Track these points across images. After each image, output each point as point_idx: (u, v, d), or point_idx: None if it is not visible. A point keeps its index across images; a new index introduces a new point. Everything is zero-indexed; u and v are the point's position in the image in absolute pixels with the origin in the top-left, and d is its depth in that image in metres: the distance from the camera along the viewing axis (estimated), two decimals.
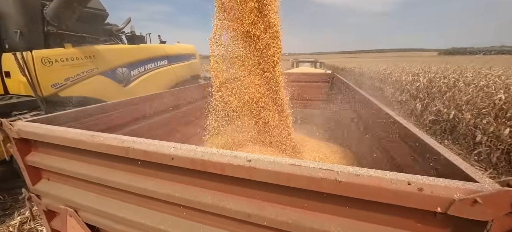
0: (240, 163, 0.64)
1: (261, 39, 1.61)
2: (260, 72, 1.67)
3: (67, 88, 3.74)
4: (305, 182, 0.59)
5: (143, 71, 5.34)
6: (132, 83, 5.02)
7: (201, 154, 0.69)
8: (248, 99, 1.68)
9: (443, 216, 0.54)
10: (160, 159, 0.74)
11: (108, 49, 4.46)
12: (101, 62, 4.25)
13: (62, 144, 0.93)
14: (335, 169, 0.58)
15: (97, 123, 1.54)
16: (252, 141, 1.81)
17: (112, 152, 0.82)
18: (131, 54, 4.96)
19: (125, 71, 4.85)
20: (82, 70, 3.94)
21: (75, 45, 3.91)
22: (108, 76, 4.42)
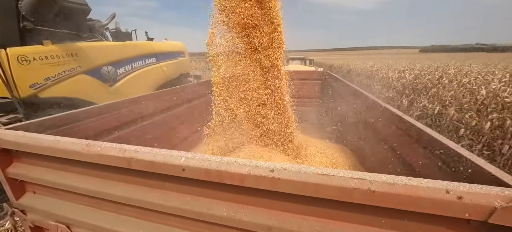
0: (262, 173, 0.59)
1: (261, 36, 1.54)
2: (261, 73, 1.61)
3: (48, 89, 3.47)
4: (335, 192, 0.55)
5: (130, 69, 5.10)
6: (119, 83, 4.78)
7: (216, 164, 0.62)
8: (249, 103, 1.62)
9: (478, 224, 0.52)
10: (169, 170, 0.66)
11: (92, 47, 4.20)
12: (85, 60, 3.99)
13: (52, 154, 0.83)
14: (368, 178, 0.54)
15: (84, 129, 1.40)
16: (250, 141, 1.75)
17: (111, 163, 0.73)
18: (117, 52, 4.71)
19: (111, 70, 4.60)
20: (64, 69, 3.68)
21: (55, 42, 3.64)
22: (92, 75, 4.17)
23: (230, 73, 1.58)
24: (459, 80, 5.89)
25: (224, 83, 1.58)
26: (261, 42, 1.54)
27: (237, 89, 1.62)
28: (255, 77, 1.61)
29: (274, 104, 1.62)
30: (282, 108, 1.59)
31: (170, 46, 6.96)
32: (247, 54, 1.60)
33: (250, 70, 1.62)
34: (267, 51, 1.56)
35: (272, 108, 1.62)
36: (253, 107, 1.65)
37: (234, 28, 1.56)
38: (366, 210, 0.56)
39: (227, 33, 1.57)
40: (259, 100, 1.63)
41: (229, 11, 1.51)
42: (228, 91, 1.57)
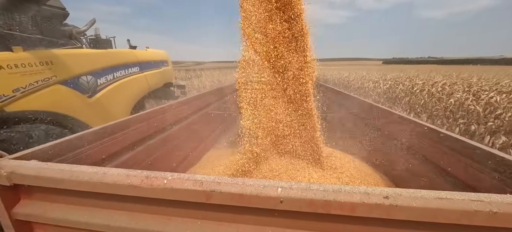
0: (377, 201, 0.54)
1: (288, 63, 1.51)
2: (288, 104, 1.57)
3: (17, 101, 3.01)
4: (455, 216, 0.53)
5: (112, 79, 4.72)
6: (99, 93, 4.37)
7: (322, 193, 0.56)
8: (274, 134, 1.56)
9: None
10: (263, 203, 0.58)
11: (70, 54, 3.79)
12: (61, 69, 3.58)
13: (93, 190, 0.68)
14: (486, 199, 0.53)
15: (91, 154, 1.19)
16: (272, 152, 1.69)
17: (183, 198, 0.62)
18: (97, 60, 4.33)
19: (90, 80, 4.19)
20: (37, 79, 3.24)
21: (27, 48, 3.21)
22: (69, 85, 3.74)
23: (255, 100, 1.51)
24: (427, 90, 6.56)
25: (253, 111, 1.50)
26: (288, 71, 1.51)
27: (262, 121, 1.54)
28: (281, 109, 1.57)
29: (302, 135, 1.58)
30: (311, 136, 1.55)
31: (153, 55, 6.66)
32: (272, 81, 1.55)
33: (276, 100, 1.56)
34: (296, 81, 1.53)
35: (300, 141, 1.59)
36: (279, 143, 1.60)
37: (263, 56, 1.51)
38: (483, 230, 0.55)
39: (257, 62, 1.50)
40: (285, 137, 1.58)
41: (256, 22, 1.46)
42: (255, 122, 1.49)
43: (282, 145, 1.68)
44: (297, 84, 1.57)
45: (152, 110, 2.03)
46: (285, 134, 1.65)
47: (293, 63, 1.55)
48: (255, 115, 1.53)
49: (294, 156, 1.61)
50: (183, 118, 2.68)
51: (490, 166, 0.95)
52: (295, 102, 1.61)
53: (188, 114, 2.93)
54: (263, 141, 1.54)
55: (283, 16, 1.50)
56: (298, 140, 1.66)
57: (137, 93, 5.58)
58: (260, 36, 1.53)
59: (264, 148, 1.57)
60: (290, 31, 1.54)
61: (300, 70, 1.55)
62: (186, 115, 2.82)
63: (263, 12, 1.50)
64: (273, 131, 1.61)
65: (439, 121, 5.81)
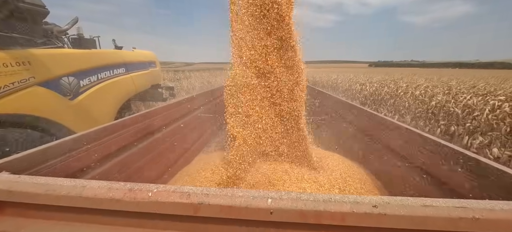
0: (366, 210, 0.55)
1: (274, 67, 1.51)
2: (277, 117, 1.58)
3: None
4: (442, 223, 0.54)
5: (95, 80, 4.54)
6: (82, 96, 4.18)
7: (313, 203, 0.56)
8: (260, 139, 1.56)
9: None
10: (253, 215, 0.57)
11: (50, 55, 3.60)
12: (40, 69, 3.39)
13: (70, 204, 0.63)
14: (469, 205, 0.55)
15: (70, 164, 1.12)
16: (264, 155, 1.69)
17: (169, 212, 0.59)
18: (80, 61, 4.14)
19: (72, 81, 4.00)
20: (13, 80, 3.05)
21: (1, 48, 3.01)
22: (49, 87, 3.55)
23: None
24: (411, 93, 6.83)
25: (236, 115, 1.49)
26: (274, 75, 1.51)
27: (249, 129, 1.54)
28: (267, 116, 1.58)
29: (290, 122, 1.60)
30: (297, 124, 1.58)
31: (140, 55, 6.49)
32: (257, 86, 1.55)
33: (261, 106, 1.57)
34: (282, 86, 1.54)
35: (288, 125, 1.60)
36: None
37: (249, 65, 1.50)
38: None
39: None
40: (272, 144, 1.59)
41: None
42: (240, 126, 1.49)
43: (269, 147, 1.68)
44: (288, 101, 1.59)
45: (139, 115, 1.96)
46: (274, 138, 1.66)
47: (285, 81, 1.57)
48: (242, 120, 1.52)
49: (284, 158, 1.62)
50: (171, 121, 2.61)
51: (459, 163, 1.02)
52: (286, 120, 1.62)
53: (177, 118, 2.86)
54: (250, 144, 1.54)
55: (274, 41, 1.51)
56: (287, 141, 1.67)
57: (123, 96, 5.39)
58: (251, 52, 1.53)
59: (251, 150, 1.56)
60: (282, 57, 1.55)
61: (291, 90, 1.57)
62: (174, 118, 2.76)
63: (254, 34, 1.51)
64: (260, 135, 1.61)
65: (422, 122, 6.06)
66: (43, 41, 3.92)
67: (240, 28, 1.46)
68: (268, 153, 1.65)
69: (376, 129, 1.88)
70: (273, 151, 1.67)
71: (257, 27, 1.50)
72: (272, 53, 1.53)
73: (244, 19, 1.46)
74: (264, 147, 1.64)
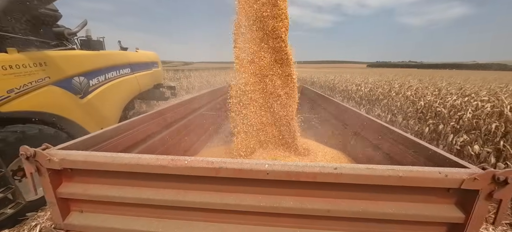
0: (330, 171, 0.84)
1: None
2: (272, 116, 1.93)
3: (11, 102, 3.07)
4: (377, 179, 0.83)
5: (103, 80, 4.79)
6: (91, 94, 4.44)
7: (295, 167, 0.85)
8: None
9: (455, 191, 0.87)
10: (255, 175, 0.85)
11: (63, 56, 3.86)
12: (54, 70, 3.65)
13: (129, 170, 0.92)
14: (397, 168, 0.84)
15: (116, 145, 1.45)
16: (264, 146, 2.03)
17: (199, 174, 0.88)
18: (90, 62, 4.40)
19: (82, 81, 4.27)
20: (31, 80, 3.30)
21: (21, 49, 3.26)
22: (62, 86, 3.81)
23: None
24: (403, 93, 7.17)
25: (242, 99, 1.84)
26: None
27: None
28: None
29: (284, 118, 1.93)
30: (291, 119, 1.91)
31: (144, 56, 6.74)
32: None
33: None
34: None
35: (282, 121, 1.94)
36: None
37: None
38: (395, 189, 0.86)
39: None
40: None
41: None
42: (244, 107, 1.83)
43: (263, 137, 2.01)
44: (282, 106, 1.94)
45: (168, 107, 2.42)
46: (268, 132, 1.98)
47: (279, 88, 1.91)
48: (244, 116, 1.84)
49: (278, 146, 1.94)
50: (188, 114, 2.99)
51: (408, 146, 1.35)
52: (280, 119, 1.97)
53: (197, 108, 3.27)
54: (251, 137, 1.86)
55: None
56: (279, 134, 2.00)
57: (128, 95, 5.65)
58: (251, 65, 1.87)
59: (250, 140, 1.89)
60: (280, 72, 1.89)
61: (287, 94, 1.91)
62: (195, 109, 3.16)
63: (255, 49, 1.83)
64: (258, 130, 1.94)
65: (412, 121, 6.38)
66: (56, 43, 4.17)
67: (242, 46, 1.78)
68: (263, 142, 1.97)
69: (353, 122, 2.23)
70: (268, 141, 1.99)
71: (257, 43, 1.81)
72: (270, 67, 1.85)
73: (247, 36, 1.78)
74: (260, 138, 1.96)
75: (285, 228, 0.95)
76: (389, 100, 7.41)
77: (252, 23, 1.78)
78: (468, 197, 0.87)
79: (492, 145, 4.13)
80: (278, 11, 1.71)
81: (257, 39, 1.80)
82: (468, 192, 0.86)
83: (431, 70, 56.78)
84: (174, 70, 21.14)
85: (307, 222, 0.95)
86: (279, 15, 1.75)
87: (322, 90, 14.72)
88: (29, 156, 0.93)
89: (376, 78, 11.66)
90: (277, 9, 1.70)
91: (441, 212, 0.89)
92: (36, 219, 2.99)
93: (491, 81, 9.55)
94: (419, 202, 0.90)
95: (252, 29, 1.77)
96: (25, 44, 3.45)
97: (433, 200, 0.90)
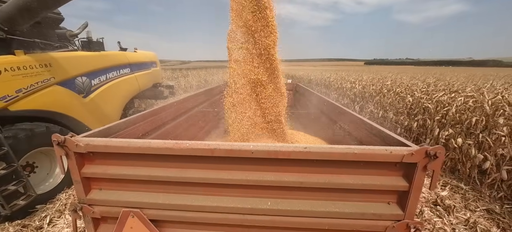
0: (301, 150, 1.07)
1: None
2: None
3: (19, 101, 3.27)
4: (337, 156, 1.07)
5: (105, 80, 4.99)
6: (93, 94, 4.65)
7: (274, 147, 1.08)
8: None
9: (400, 164, 1.11)
10: (242, 154, 1.09)
11: (66, 57, 4.05)
12: (59, 71, 3.85)
13: (141, 152, 1.14)
14: (353, 147, 1.08)
15: (130, 134, 1.72)
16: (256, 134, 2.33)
17: (197, 154, 1.10)
18: (91, 62, 4.60)
19: (85, 81, 4.47)
20: (37, 80, 3.51)
21: (27, 52, 3.45)
22: (66, 86, 4.02)
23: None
24: (394, 90, 7.44)
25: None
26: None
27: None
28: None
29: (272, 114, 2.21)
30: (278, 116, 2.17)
31: (143, 56, 6.92)
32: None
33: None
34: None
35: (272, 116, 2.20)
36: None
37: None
38: (353, 164, 1.10)
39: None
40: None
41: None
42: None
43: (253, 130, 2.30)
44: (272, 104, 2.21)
45: (175, 102, 2.77)
46: (257, 123, 2.25)
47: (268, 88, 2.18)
48: (237, 112, 2.11)
49: (268, 139, 2.22)
50: (194, 106, 3.32)
51: (371, 131, 1.61)
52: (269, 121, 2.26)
53: (200, 103, 3.59)
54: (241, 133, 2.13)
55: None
56: (269, 128, 2.28)
57: (128, 94, 5.84)
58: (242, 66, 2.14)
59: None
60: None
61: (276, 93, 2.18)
62: (197, 104, 3.48)
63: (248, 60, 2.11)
64: (250, 125, 2.21)
65: (402, 116, 6.65)
66: (59, 45, 4.35)
67: (237, 59, 2.05)
68: (255, 137, 2.25)
69: (333, 114, 2.53)
70: (261, 135, 2.25)
71: (248, 60, 2.10)
72: (260, 75, 2.13)
73: (241, 52, 2.05)
74: (252, 131, 2.23)
75: (267, 198, 1.19)
76: (381, 97, 7.68)
77: (245, 39, 2.08)
78: (409, 169, 1.11)
79: (474, 138, 4.40)
80: (266, 23, 1.95)
81: (248, 54, 2.10)
82: (409, 165, 1.10)
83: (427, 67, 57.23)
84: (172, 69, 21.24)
85: (285, 193, 1.19)
86: (267, 28, 2.02)
87: (318, 88, 14.95)
88: (60, 142, 1.15)
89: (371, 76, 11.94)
90: (265, 21, 1.95)
91: (391, 182, 1.13)
92: (45, 211, 3.20)
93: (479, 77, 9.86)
94: (374, 175, 1.14)
95: (244, 44, 2.08)
96: (31, 46, 3.64)
97: (385, 172, 1.14)
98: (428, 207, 3.49)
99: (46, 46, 3.97)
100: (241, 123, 2.08)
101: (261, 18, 1.94)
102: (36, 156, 3.43)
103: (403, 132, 6.15)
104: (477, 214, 3.37)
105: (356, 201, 1.18)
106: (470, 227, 3.06)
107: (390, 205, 1.18)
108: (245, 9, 1.94)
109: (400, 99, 6.93)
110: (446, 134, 5.11)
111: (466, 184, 4.29)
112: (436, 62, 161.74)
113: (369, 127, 1.64)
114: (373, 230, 1.18)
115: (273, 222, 1.19)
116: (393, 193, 1.17)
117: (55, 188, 3.55)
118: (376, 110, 7.73)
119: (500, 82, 7.38)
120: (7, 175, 2.73)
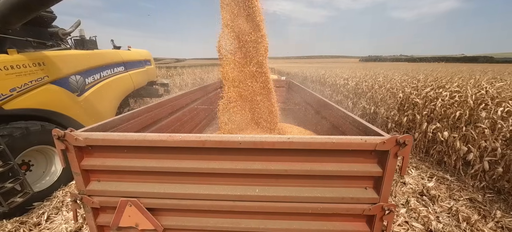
0: (284, 140, 1.17)
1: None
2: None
3: (13, 100, 3.29)
4: (317, 145, 1.18)
5: (99, 78, 5.01)
6: (87, 92, 4.66)
7: (260, 138, 1.18)
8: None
9: (375, 152, 1.22)
10: (231, 145, 1.19)
11: (60, 55, 4.06)
12: (52, 69, 3.86)
13: (137, 145, 1.23)
14: (332, 137, 1.19)
15: (127, 129, 1.81)
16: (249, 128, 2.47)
17: (189, 145, 1.20)
18: (85, 61, 4.61)
19: (79, 79, 4.48)
20: (31, 79, 3.52)
21: (20, 50, 3.46)
22: (60, 85, 4.03)
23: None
24: (385, 87, 7.62)
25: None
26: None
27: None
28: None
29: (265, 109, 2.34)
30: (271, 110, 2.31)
31: (137, 54, 6.91)
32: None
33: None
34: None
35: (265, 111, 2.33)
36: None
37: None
38: (333, 152, 1.21)
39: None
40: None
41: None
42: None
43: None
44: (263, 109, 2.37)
45: (172, 97, 2.92)
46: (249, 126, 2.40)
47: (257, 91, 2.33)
48: (229, 113, 2.25)
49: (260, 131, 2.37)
50: (190, 102, 3.41)
51: (351, 122, 1.74)
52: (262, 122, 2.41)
53: (195, 99, 3.71)
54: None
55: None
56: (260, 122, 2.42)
57: (123, 92, 5.85)
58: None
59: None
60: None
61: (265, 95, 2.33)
62: (192, 100, 3.59)
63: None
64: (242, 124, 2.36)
65: (393, 112, 6.84)
66: (52, 43, 4.35)
67: (231, 67, 2.18)
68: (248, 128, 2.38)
69: (321, 109, 2.68)
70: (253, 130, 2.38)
71: (238, 66, 2.23)
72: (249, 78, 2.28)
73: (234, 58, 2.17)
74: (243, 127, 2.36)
75: (255, 185, 1.30)
76: (373, 93, 7.86)
77: (236, 47, 2.23)
78: (383, 156, 1.22)
79: (459, 131, 4.59)
80: (258, 33, 2.09)
81: (238, 61, 2.25)
82: (382, 152, 1.21)
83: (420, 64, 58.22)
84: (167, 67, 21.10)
85: (271, 180, 1.29)
86: (257, 37, 2.16)
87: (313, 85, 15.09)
88: (60, 136, 1.23)
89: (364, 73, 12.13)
90: (258, 31, 2.09)
91: (367, 169, 1.25)
92: (42, 208, 3.25)
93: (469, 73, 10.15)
94: (352, 162, 1.25)
95: (235, 51, 2.22)
96: (24, 45, 3.64)
97: (361, 160, 1.25)
98: (415, 197, 3.66)
99: (39, 45, 3.97)
100: (234, 124, 2.24)
101: (247, 16, 2.06)
102: (32, 154, 3.46)
103: (394, 126, 6.34)
104: (460, 203, 3.56)
105: (336, 186, 1.30)
106: (453, 215, 3.24)
107: (367, 189, 1.30)
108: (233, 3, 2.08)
109: (391, 95, 7.11)
110: (434, 127, 5.30)
111: (452, 175, 4.49)
112: (429, 58, 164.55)
113: (352, 119, 1.76)
114: (352, 213, 1.30)
115: (261, 207, 1.30)
116: (369, 178, 1.28)
117: (51, 186, 3.59)
118: (368, 106, 7.92)
119: (486, 78, 7.63)
120: (4, 172, 2.77)
